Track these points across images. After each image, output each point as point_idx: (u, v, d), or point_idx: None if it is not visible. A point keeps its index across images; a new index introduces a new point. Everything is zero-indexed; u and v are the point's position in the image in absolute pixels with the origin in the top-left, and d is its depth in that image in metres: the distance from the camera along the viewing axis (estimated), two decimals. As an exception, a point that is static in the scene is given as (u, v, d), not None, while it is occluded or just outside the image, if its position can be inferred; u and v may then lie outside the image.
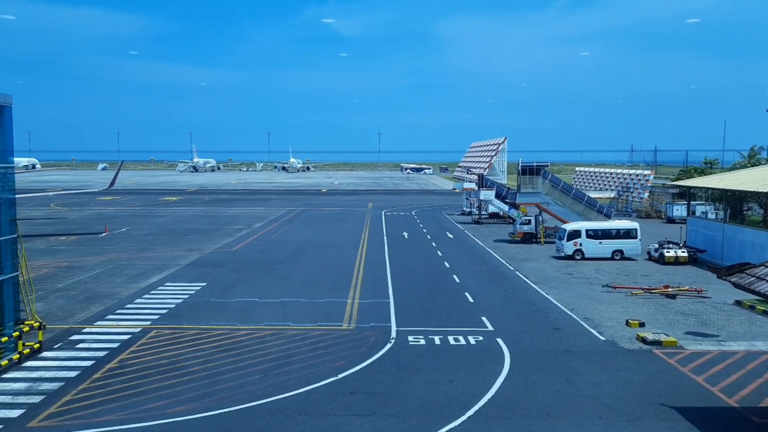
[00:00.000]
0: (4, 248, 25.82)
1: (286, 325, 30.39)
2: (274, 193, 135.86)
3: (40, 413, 20.07)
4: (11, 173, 27.08)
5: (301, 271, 44.66)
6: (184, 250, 53.70)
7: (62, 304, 34.37)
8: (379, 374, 23.77)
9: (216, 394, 21.76)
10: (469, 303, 35.40)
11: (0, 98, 25.54)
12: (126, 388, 22.23)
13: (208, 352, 26.27)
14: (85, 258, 49.02)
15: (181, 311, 33.00)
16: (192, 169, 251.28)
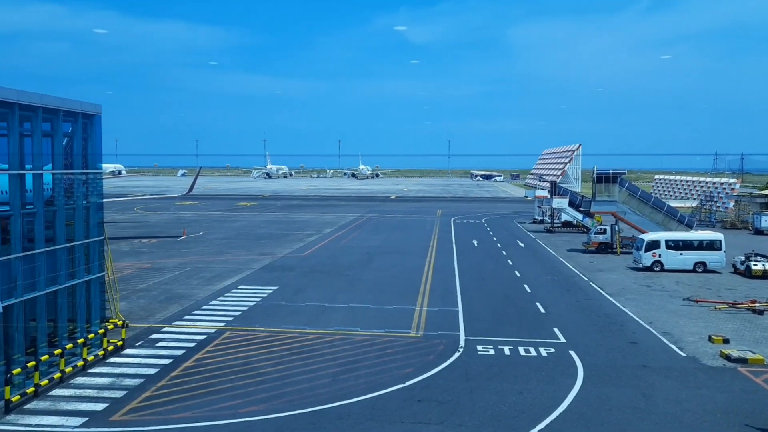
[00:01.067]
0: (93, 249, 27.34)
1: (355, 330, 30.64)
2: (343, 199, 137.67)
3: (122, 407, 21.06)
4: (100, 179, 28.68)
5: (370, 277, 44.96)
6: (256, 254, 55.19)
7: (144, 303, 36.01)
8: (448, 383, 23.56)
9: (286, 395, 22.18)
10: (541, 314, 34.58)
11: (90, 108, 27.14)
12: (201, 386, 23.00)
13: (278, 354, 26.83)
14: (165, 260, 51.21)
15: (253, 314, 33.89)
16: (265, 176, 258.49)
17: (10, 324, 21.91)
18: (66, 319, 25.60)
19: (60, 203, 25.54)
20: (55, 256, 24.61)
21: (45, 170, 24.69)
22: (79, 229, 26.47)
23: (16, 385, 21.41)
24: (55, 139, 25.28)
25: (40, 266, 23.64)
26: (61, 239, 25.12)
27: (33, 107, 23.40)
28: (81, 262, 26.40)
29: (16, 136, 22.63)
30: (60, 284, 24.89)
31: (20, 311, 22.46)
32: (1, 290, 21.40)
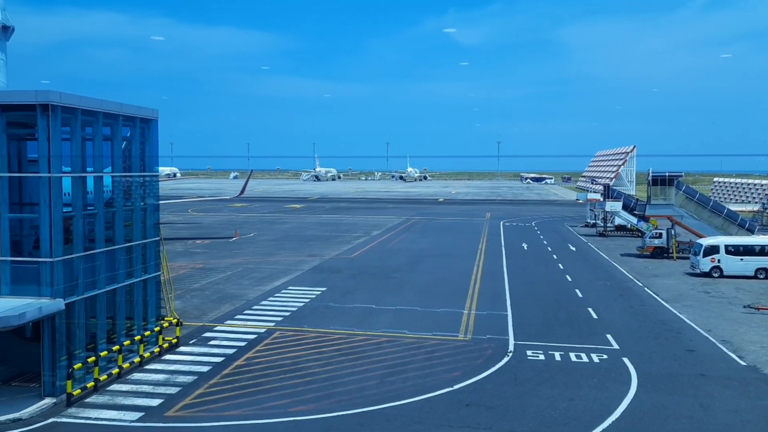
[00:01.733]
0: (150, 250, 28.22)
1: (402, 332, 30.64)
2: (391, 201, 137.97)
3: (176, 403, 21.66)
4: (156, 181, 29.59)
5: (417, 279, 44.89)
6: (305, 255, 55.88)
7: (197, 303, 36.94)
8: (496, 387, 23.30)
9: (335, 396, 22.36)
10: (593, 319, 33.81)
11: (148, 113, 28.03)
12: (252, 385, 23.44)
13: (327, 355, 27.08)
14: (217, 260, 52.43)
15: (302, 314, 34.32)
16: (314, 178, 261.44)
17: (72, 320, 22.83)
18: (124, 316, 26.49)
19: (119, 205, 26.47)
20: (114, 256, 25.51)
21: (105, 173, 25.64)
22: (137, 230, 27.36)
23: (77, 380, 22.29)
24: (114, 143, 26.21)
25: (100, 265, 24.55)
26: (120, 239, 26.02)
27: (94, 112, 24.34)
28: (138, 261, 27.28)
29: (79, 140, 23.58)
30: (119, 283, 25.78)
31: (81, 308, 23.38)
32: (64, 288, 22.33)
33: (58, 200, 22.19)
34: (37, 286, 22.08)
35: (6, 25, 30.37)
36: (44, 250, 22.03)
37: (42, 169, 22.03)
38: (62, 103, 22.19)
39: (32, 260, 22.83)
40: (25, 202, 25.59)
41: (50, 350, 22.08)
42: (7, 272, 22.29)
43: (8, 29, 30.54)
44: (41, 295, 21.98)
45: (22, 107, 22.25)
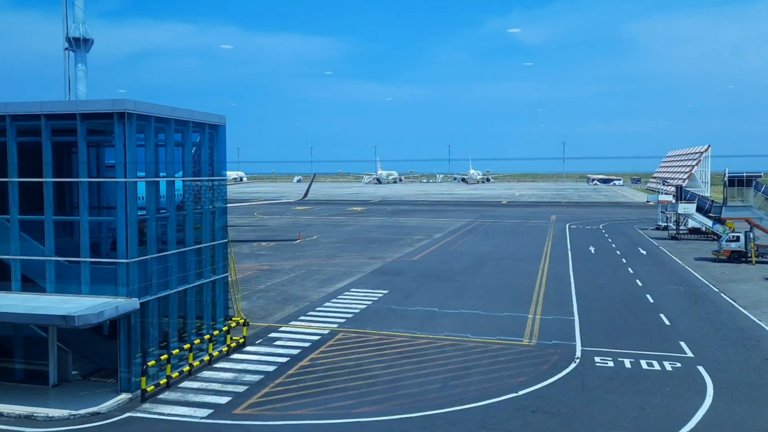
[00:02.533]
0: (218, 252, 29.08)
1: (465, 336, 30.36)
2: (453, 204, 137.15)
3: (243, 402, 22.21)
4: (224, 185, 30.48)
5: (480, 283, 44.39)
6: (367, 258, 56.24)
7: (263, 303, 37.79)
8: (563, 394, 22.72)
9: (397, 398, 22.37)
10: (665, 326, 32.49)
11: (216, 119, 28.92)
12: (316, 385, 23.75)
13: (390, 357, 27.14)
14: (281, 262, 53.49)
15: (365, 316, 34.53)
16: (376, 181, 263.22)
17: (146, 319, 23.79)
18: (194, 316, 27.38)
19: (189, 208, 27.41)
20: (185, 258, 26.43)
21: (176, 177, 26.61)
22: (206, 233, 28.25)
23: (151, 376, 23.20)
24: (185, 148, 27.18)
25: (172, 266, 25.47)
26: (191, 242, 26.93)
27: (166, 119, 25.31)
28: (207, 263, 28.15)
29: (152, 146, 24.57)
30: (189, 283, 26.68)
31: (155, 308, 24.33)
32: (139, 288, 23.30)
33: (134, 204, 23.18)
34: (114, 286, 23.13)
35: (86, 38, 32.05)
36: (120, 251, 23.05)
37: (118, 174, 23.06)
38: (137, 111, 23.18)
39: (109, 261, 23.95)
40: (103, 205, 26.89)
41: (126, 348, 23.08)
42: (87, 272, 23.45)
43: (88, 42, 32.21)
44: (118, 294, 23.00)
45: (101, 115, 23.38)
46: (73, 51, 31.44)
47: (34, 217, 23.82)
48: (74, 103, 26.11)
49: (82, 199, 23.80)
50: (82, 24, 31.58)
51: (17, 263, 23.95)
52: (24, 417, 20.88)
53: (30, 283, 24.01)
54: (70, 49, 31.42)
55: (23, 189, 23.97)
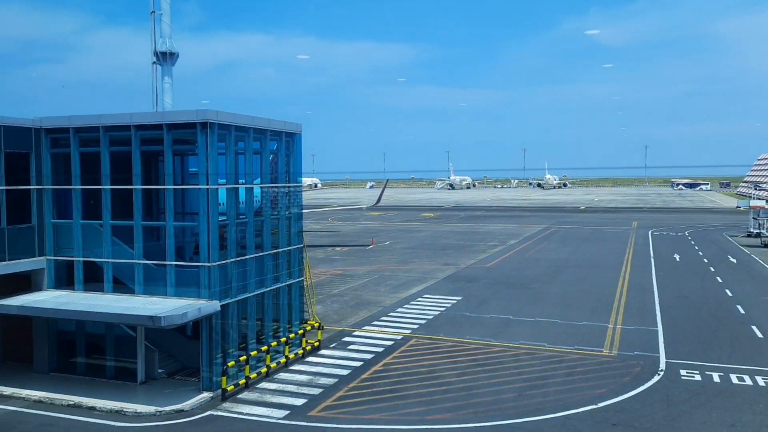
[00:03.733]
0: (294, 256, 29.76)
1: (541, 345, 29.62)
2: (528, 210, 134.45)
3: (319, 404, 22.56)
4: (300, 191, 31.18)
5: (557, 290, 43.23)
6: (440, 264, 55.96)
7: (337, 308, 38.32)
8: (646, 408, 21.74)
9: (472, 407, 22.08)
10: (758, 338, 30.52)
11: (292, 127, 29.65)
12: (389, 390, 23.81)
13: (463, 364, 26.85)
14: (355, 267, 54.08)
15: (438, 323, 34.35)
16: (449, 187, 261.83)
17: (226, 321, 24.64)
18: (271, 319, 28.12)
19: (267, 214, 28.22)
20: (262, 262, 27.20)
21: (255, 184, 27.46)
22: (283, 238, 28.97)
23: (231, 377, 23.97)
24: (263, 156, 28.03)
25: (251, 270, 26.28)
26: (268, 246, 27.70)
27: (245, 128, 26.19)
28: (284, 267, 28.86)
29: (232, 154, 25.47)
30: (267, 287, 27.43)
31: (234, 310, 25.16)
32: (220, 290, 24.17)
33: (215, 210, 24.09)
34: (197, 288, 24.09)
35: (172, 52, 33.66)
36: (203, 255, 24.00)
37: (201, 182, 24.04)
38: (218, 120, 24.11)
39: (193, 264, 24.95)
40: (187, 211, 28.10)
41: (208, 348, 23.97)
42: (172, 275, 24.55)
43: (174, 55, 33.81)
44: (200, 297, 23.94)
45: (185, 125, 24.46)
46: (160, 64, 33.09)
47: (124, 223, 25.20)
48: (161, 114, 27.45)
49: (167, 206, 24.96)
50: (169, 38, 33.21)
51: (109, 266, 25.39)
52: (115, 411, 22.06)
53: (120, 285, 25.39)
54: (157, 63, 33.08)
55: (114, 196, 25.41)
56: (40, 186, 25.89)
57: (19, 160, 25.32)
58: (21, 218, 25.38)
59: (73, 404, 22.67)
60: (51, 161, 26.03)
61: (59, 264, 26.23)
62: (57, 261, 26.17)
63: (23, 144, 25.35)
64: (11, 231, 24.83)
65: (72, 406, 22.61)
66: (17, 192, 25.27)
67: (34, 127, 25.69)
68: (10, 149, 24.82)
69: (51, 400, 23.08)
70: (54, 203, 26.20)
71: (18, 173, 25.26)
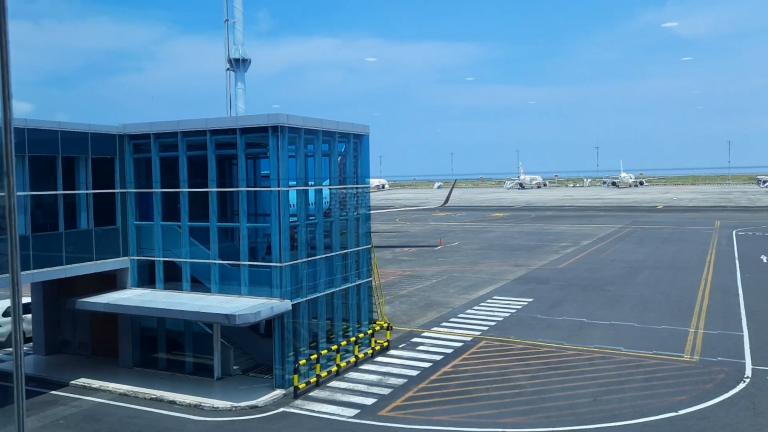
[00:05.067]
0: (362, 257, 30.04)
1: (617, 349, 28.63)
2: (602, 209, 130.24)
3: (388, 404, 22.65)
4: (367, 192, 31.44)
5: (634, 293, 41.66)
6: (510, 265, 55.06)
7: (405, 308, 38.38)
8: (730, 417, 20.61)
9: (544, 410, 21.60)
10: None
11: (360, 129, 29.94)
12: (459, 392, 23.63)
13: (535, 367, 26.31)
14: (423, 268, 54.01)
15: (508, 324, 33.81)
16: (518, 186, 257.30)
17: (297, 320, 25.15)
18: (341, 318, 28.49)
19: (335, 215, 28.62)
20: (331, 262, 27.60)
21: (324, 186, 27.91)
22: (351, 238, 29.30)
23: (302, 375, 24.45)
24: (331, 158, 28.45)
25: (320, 270, 26.72)
26: (337, 247, 28.08)
27: (315, 131, 26.66)
28: (353, 267, 29.18)
29: (302, 156, 26.00)
30: (336, 287, 27.82)
31: (305, 309, 25.66)
32: (291, 290, 24.70)
33: (286, 211, 24.66)
34: (269, 288, 24.72)
35: (245, 58, 34.71)
36: (275, 255, 24.60)
37: (272, 184, 24.67)
38: (289, 124, 24.66)
39: (265, 264, 25.62)
40: (259, 213, 28.89)
41: (280, 346, 24.54)
42: (245, 275, 25.31)
43: (246, 62, 34.86)
44: (272, 296, 24.55)
45: (257, 129, 25.16)
46: (233, 71, 34.24)
47: (200, 224, 26.18)
48: (234, 119, 28.36)
49: (241, 207, 25.75)
50: (242, 46, 34.29)
51: (187, 265, 26.43)
52: (193, 406, 22.94)
53: (197, 284, 26.39)
54: (231, 69, 34.24)
55: (191, 198, 26.44)
56: (124, 190, 27.28)
57: (104, 165, 26.78)
58: (107, 220, 26.81)
59: (155, 398, 23.75)
60: (134, 166, 27.38)
61: (141, 264, 27.54)
62: (139, 261, 27.48)
63: (108, 150, 26.78)
64: (98, 232, 26.28)
65: (154, 399, 23.69)
66: (103, 195, 26.72)
67: (118, 134, 27.09)
68: (96, 155, 26.28)
69: (135, 393, 24.27)
70: (136, 206, 27.54)
71: (104, 178, 26.71)
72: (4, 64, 3.83)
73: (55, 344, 30.17)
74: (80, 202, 25.74)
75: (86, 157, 25.79)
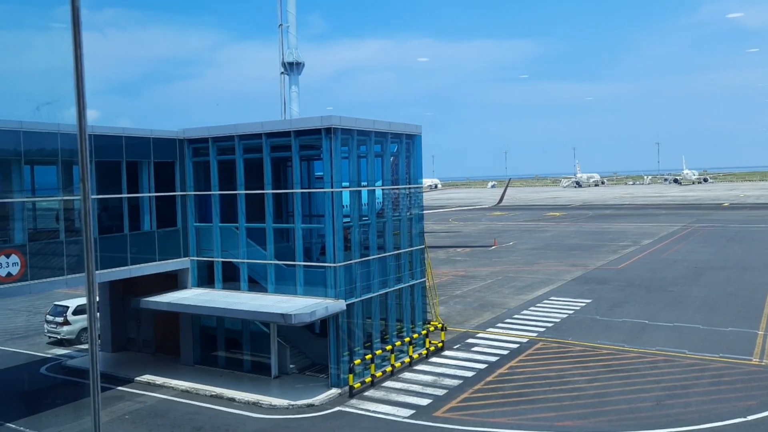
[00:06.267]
0: (416, 257, 29.99)
1: (681, 352, 27.60)
2: (664, 207, 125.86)
3: (443, 405, 22.54)
4: (420, 192, 31.38)
5: (698, 294, 40.07)
6: (567, 265, 53.89)
7: (459, 309, 38.09)
8: (807, 425, 19.56)
9: (604, 414, 21.04)
10: None
11: (412, 129, 29.90)
12: (516, 394, 23.28)
13: (594, 370, 25.66)
14: (477, 268, 53.49)
15: (566, 326, 33.09)
16: (575, 185, 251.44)
17: (351, 320, 25.33)
18: (395, 319, 28.52)
19: (388, 215, 28.68)
20: (385, 263, 27.67)
21: (377, 187, 28.00)
22: (404, 238, 29.30)
23: (357, 374, 24.60)
24: (384, 158, 28.52)
25: (374, 271, 26.82)
26: (390, 247, 28.13)
27: (367, 132, 26.79)
28: (406, 268, 29.17)
29: (355, 157, 26.18)
30: (389, 287, 27.87)
31: (359, 309, 25.81)
32: (345, 290, 24.90)
33: (339, 212, 24.87)
34: (324, 288, 24.98)
35: (298, 62, 35.24)
36: (329, 256, 24.86)
37: (326, 185, 24.93)
38: (341, 125, 24.87)
39: (320, 265, 25.92)
40: (313, 213, 29.25)
41: (335, 346, 24.78)
42: (301, 275, 25.66)
43: (300, 65, 35.38)
44: (327, 296, 24.81)
45: (310, 131, 25.49)
46: (287, 74, 34.81)
47: (257, 225, 26.71)
48: (289, 122, 28.80)
49: (296, 209, 26.13)
50: (295, 49, 34.82)
51: (244, 266, 27.02)
52: (252, 403, 23.42)
53: (254, 283, 26.93)
54: (285, 73, 34.83)
55: (248, 200, 27.00)
56: (184, 192, 28.11)
57: (165, 169, 27.67)
58: (168, 222, 27.70)
59: (215, 395, 24.38)
60: (193, 169, 28.17)
61: (201, 264, 28.32)
62: (199, 261, 28.26)
63: (169, 154, 27.66)
64: (160, 234, 27.17)
65: (214, 396, 24.32)
66: (165, 198, 27.61)
67: (178, 138, 27.94)
68: (158, 159, 27.19)
69: (196, 390, 24.98)
70: (196, 208, 28.34)
71: (165, 181, 27.61)
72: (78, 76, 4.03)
73: (120, 342, 31.39)
74: (143, 205, 26.70)
75: (149, 162, 26.73)
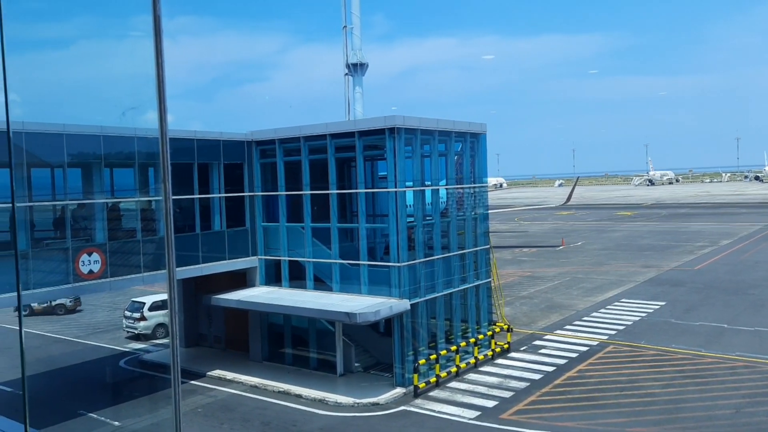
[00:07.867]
0: (480, 257, 29.64)
1: (763, 358, 26.12)
2: (744, 206, 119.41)
3: (510, 407, 22.18)
4: (485, 191, 30.99)
5: (783, 296, 37.80)
6: (639, 266, 51.96)
7: (526, 310, 37.40)
8: None
9: (679, 421, 20.16)
10: None
11: (477, 128, 29.56)
12: (585, 398, 22.64)
13: (668, 375, 24.63)
14: (544, 269, 52.35)
15: (638, 329, 31.91)
16: (648, 183, 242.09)
17: (416, 320, 25.30)
18: (459, 319, 28.29)
19: (453, 215, 28.47)
20: (449, 263, 27.48)
21: (441, 186, 27.85)
22: (469, 238, 29.00)
23: (422, 374, 24.56)
24: (448, 157, 28.32)
25: (438, 271, 26.69)
26: (454, 247, 27.92)
27: (431, 131, 26.68)
28: (471, 268, 28.86)
29: (419, 157, 26.12)
30: (454, 287, 27.66)
31: (423, 309, 25.74)
32: (409, 290, 24.89)
33: (403, 212, 24.89)
34: (388, 287, 25.07)
35: (362, 62, 35.53)
36: (393, 255, 24.92)
37: (390, 185, 25.00)
38: (405, 125, 24.88)
39: (384, 264, 26.02)
40: (377, 213, 29.40)
41: (399, 345, 24.81)
42: (365, 275, 25.84)
43: (364, 66, 35.66)
44: (391, 295, 24.87)
45: (374, 132, 25.63)
46: (351, 75, 35.15)
47: (322, 225, 27.10)
48: (353, 123, 29.07)
49: (360, 208, 26.34)
50: (359, 50, 35.12)
51: (310, 265, 27.46)
52: (318, 400, 23.78)
53: (319, 282, 27.33)
54: (349, 74, 35.18)
55: (313, 200, 27.44)
56: (252, 193, 28.84)
57: (234, 170, 28.48)
58: (237, 222, 28.50)
59: (283, 391, 24.89)
60: (260, 170, 28.87)
61: (269, 263, 28.97)
62: (267, 260, 28.93)
63: (238, 155, 28.46)
64: (230, 234, 27.99)
65: (282, 392, 24.84)
66: (234, 199, 28.43)
67: (246, 140, 28.70)
68: (227, 161, 28.03)
69: (264, 386, 25.59)
70: (263, 208, 29.03)
71: (234, 182, 28.42)
72: (159, 82, 4.21)
73: (193, 337, 32.55)
74: (214, 206, 27.58)
75: (218, 163, 27.58)
